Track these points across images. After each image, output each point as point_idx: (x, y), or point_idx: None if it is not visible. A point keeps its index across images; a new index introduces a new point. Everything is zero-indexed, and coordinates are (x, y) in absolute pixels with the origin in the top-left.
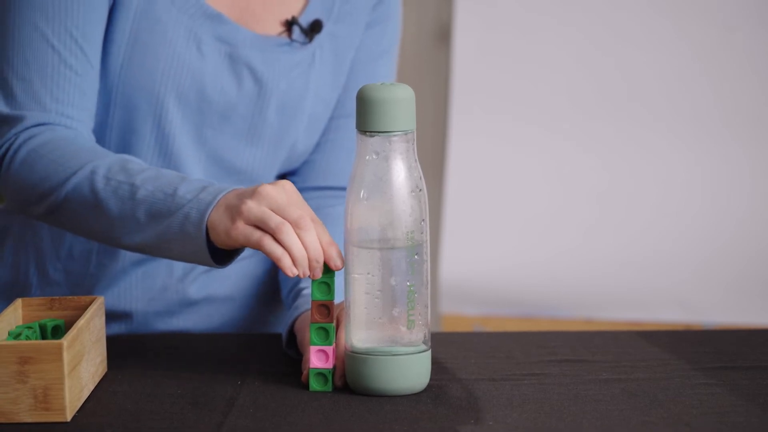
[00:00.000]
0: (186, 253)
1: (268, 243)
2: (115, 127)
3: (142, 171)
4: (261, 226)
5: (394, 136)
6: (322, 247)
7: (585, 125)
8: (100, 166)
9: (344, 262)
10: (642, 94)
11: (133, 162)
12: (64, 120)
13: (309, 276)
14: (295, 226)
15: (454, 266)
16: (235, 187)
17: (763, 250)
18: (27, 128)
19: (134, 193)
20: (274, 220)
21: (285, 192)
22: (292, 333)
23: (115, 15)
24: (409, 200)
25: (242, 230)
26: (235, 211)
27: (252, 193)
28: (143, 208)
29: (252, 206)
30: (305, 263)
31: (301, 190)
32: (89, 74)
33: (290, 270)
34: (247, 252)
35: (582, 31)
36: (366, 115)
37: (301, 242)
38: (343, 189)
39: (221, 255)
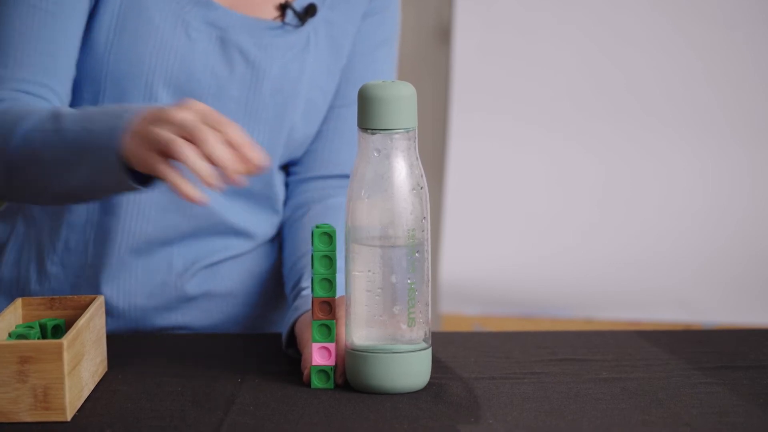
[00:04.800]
0: (114, 184)
1: (169, 173)
2: None
3: (71, 114)
4: (162, 150)
5: (396, 133)
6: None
7: (585, 125)
8: (32, 123)
9: (266, 158)
10: (642, 93)
11: (66, 109)
12: (21, 96)
13: (230, 183)
14: (190, 137)
15: (454, 266)
16: (147, 108)
17: (763, 250)
18: None
19: (63, 138)
20: (163, 137)
21: (190, 110)
22: (292, 334)
23: (101, 1)
24: (410, 198)
25: (150, 160)
26: (143, 139)
27: (153, 117)
28: (72, 149)
29: (153, 131)
30: (207, 174)
31: (304, 180)
32: (64, 49)
33: (190, 195)
34: (247, 247)
35: (582, 30)
36: (368, 113)
37: (204, 154)
38: (345, 177)
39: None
